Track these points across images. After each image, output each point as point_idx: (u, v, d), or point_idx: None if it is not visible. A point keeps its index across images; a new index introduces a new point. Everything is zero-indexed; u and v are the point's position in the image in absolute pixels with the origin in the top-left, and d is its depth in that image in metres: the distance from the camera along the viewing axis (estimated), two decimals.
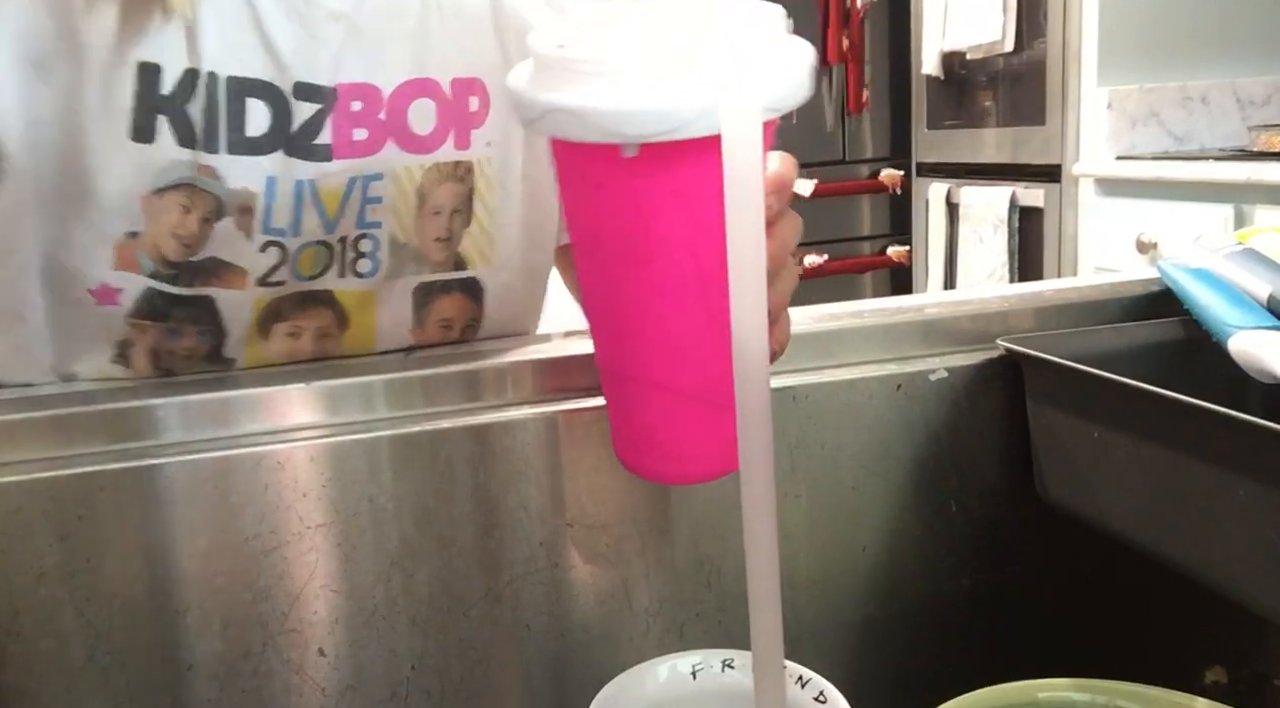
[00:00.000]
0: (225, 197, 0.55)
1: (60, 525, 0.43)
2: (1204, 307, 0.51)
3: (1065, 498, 0.51)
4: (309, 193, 0.57)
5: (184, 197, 0.54)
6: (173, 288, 0.55)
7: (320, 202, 0.58)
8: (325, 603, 0.47)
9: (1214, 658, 0.54)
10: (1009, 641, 0.56)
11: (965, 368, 0.53)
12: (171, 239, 0.55)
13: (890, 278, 3.15)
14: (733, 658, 0.41)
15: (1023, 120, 2.44)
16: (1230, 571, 0.41)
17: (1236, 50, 2.25)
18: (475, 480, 0.47)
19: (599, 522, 0.49)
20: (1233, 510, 0.40)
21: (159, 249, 0.55)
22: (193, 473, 0.44)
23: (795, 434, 0.51)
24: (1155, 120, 2.24)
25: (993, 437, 0.54)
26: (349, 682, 0.47)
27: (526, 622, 0.49)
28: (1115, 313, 0.57)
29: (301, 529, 0.46)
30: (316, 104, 0.57)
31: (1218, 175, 1.86)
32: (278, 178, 0.56)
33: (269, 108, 0.56)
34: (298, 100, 0.57)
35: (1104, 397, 0.46)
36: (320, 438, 0.46)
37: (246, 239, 0.56)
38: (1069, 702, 0.45)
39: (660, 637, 0.51)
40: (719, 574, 0.51)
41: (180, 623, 0.45)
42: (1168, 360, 0.54)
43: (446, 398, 0.48)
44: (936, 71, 2.70)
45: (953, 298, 0.57)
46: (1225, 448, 0.40)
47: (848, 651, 0.54)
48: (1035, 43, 2.37)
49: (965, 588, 0.55)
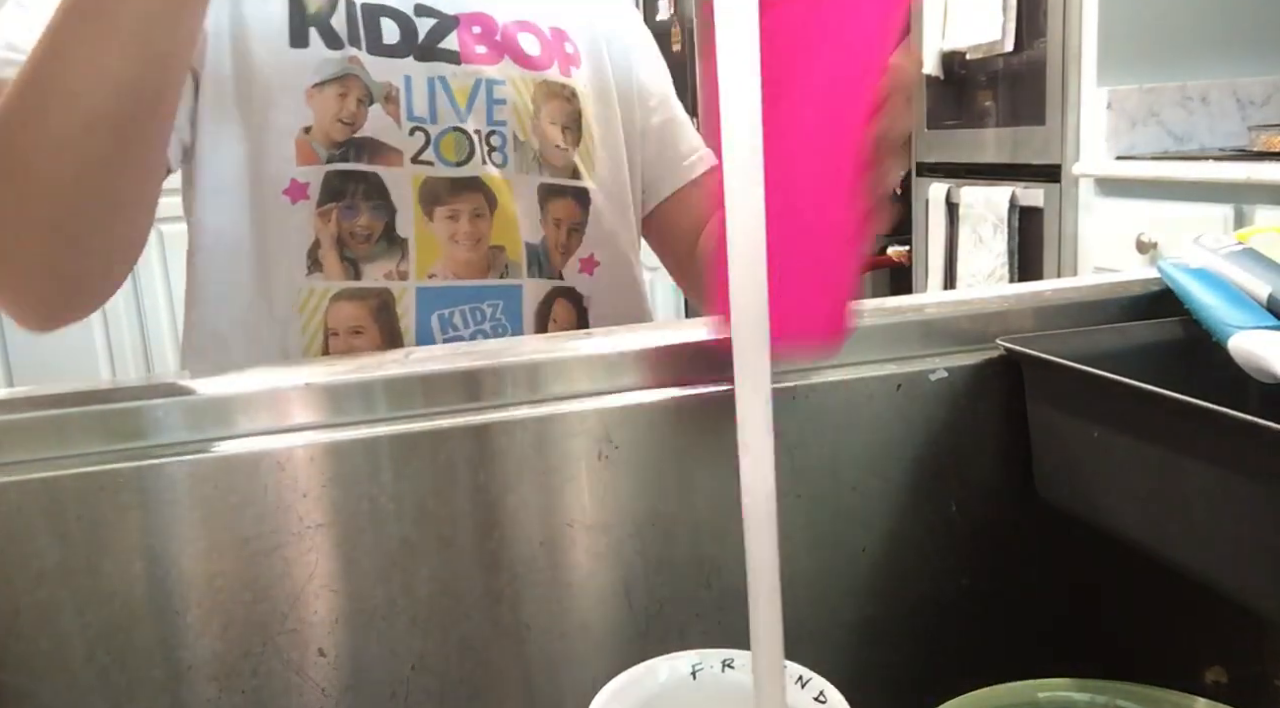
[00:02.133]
0: (373, 87, 0.67)
1: (60, 526, 0.43)
2: (1204, 307, 0.51)
3: (1065, 498, 0.51)
4: (441, 87, 0.69)
5: (340, 86, 0.67)
6: (345, 165, 0.67)
7: (452, 94, 0.70)
8: (325, 603, 0.47)
9: (1214, 658, 0.54)
10: (1009, 641, 0.55)
11: (965, 368, 0.53)
12: (337, 123, 0.67)
13: (890, 278, 3.15)
14: (733, 658, 0.41)
15: (1022, 120, 2.44)
16: (1230, 571, 0.41)
17: (1236, 50, 2.25)
18: (475, 480, 0.47)
19: (599, 522, 0.49)
20: (1233, 510, 0.40)
21: (329, 136, 0.67)
22: (193, 473, 0.44)
23: (795, 434, 0.51)
24: (1155, 120, 2.24)
25: (993, 437, 0.54)
26: (349, 682, 0.47)
27: (526, 622, 0.49)
28: (1115, 313, 0.57)
29: (301, 529, 0.46)
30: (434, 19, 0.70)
31: (1217, 175, 1.86)
32: (413, 75, 0.69)
33: (396, 24, 0.69)
34: (419, 17, 0.70)
35: (1104, 397, 0.46)
36: (320, 438, 0.46)
37: (396, 125, 0.68)
38: (1069, 702, 0.45)
39: (660, 637, 0.51)
40: (719, 574, 0.51)
41: (180, 623, 0.45)
42: (1168, 360, 0.54)
43: (446, 398, 0.48)
44: (936, 71, 2.70)
45: (953, 298, 0.57)
46: (1225, 448, 0.40)
47: (848, 651, 0.53)
48: (1035, 43, 2.37)
49: (965, 588, 0.55)
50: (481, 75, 0.71)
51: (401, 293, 0.69)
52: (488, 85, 0.71)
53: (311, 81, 0.66)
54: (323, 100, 0.67)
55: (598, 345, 0.50)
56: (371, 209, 0.67)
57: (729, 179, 0.30)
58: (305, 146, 0.67)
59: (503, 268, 0.72)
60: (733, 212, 0.30)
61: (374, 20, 0.69)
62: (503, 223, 0.71)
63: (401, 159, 0.68)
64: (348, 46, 0.67)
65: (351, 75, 0.67)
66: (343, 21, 0.68)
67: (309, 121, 0.66)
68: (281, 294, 0.68)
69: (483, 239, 0.71)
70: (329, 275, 0.68)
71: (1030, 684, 0.46)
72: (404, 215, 0.68)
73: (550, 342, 0.52)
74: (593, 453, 0.49)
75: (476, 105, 0.70)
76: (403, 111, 0.68)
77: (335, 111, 0.67)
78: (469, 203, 0.70)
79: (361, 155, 0.67)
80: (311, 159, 0.67)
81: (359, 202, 0.67)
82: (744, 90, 0.29)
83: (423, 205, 0.69)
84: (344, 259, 0.68)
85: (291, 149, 0.66)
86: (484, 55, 0.72)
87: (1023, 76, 2.42)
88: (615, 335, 0.52)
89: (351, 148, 0.67)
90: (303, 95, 0.66)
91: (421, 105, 0.69)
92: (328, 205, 0.67)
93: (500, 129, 0.71)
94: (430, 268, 0.70)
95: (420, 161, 0.68)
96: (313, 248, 0.68)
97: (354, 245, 0.68)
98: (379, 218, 0.68)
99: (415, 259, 0.69)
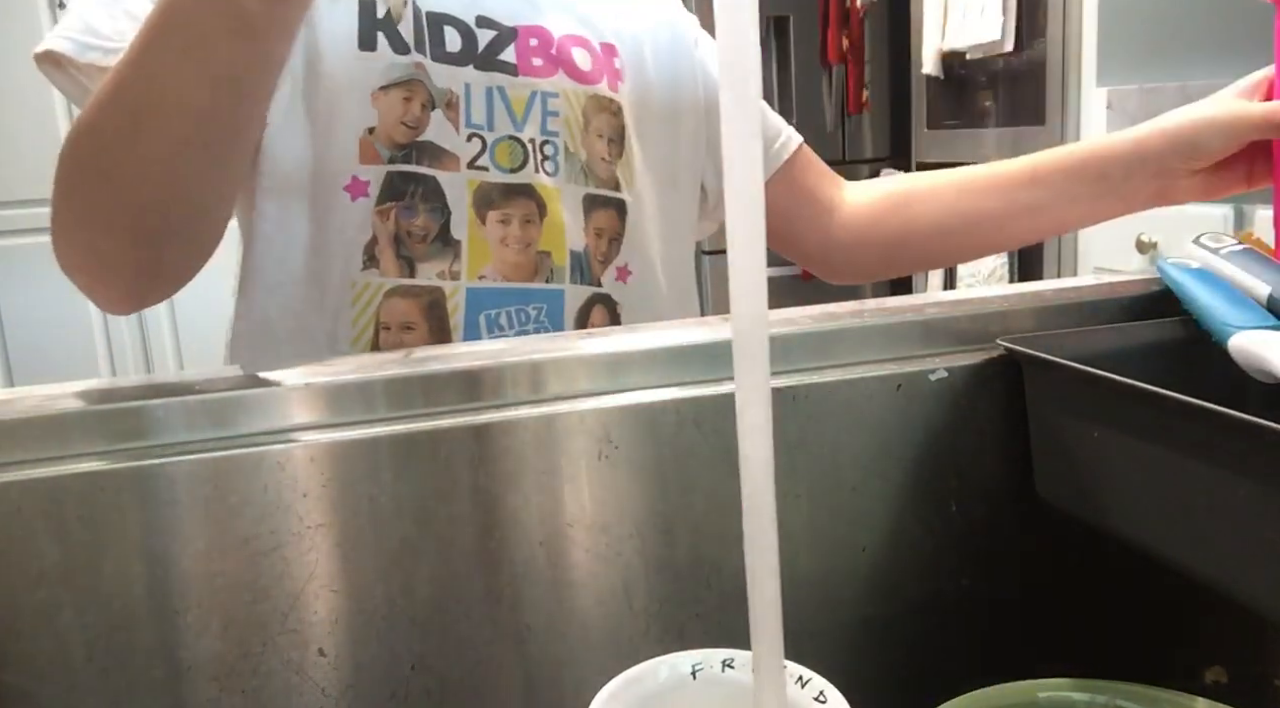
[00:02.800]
0: (436, 93, 0.70)
1: (60, 526, 0.43)
2: (1204, 307, 0.51)
3: (1065, 498, 0.51)
4: (499, 97, 0.72)
5: (405, 90, 0.69)
6: (405, 166, 0.69)
7: (510, 105, 0.73)
8: (325, 603, 0.47)
9: (1214, 658, 0.54)
10: (1009, 641, 0.55)
11: (965, 368, 0.53)
12: (400, 126, 0.69)
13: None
14: (733, 658, 0.41)
15: (1022, 120, 2.44)
16: (1230, 571, 0.41)
17: (1236, 50, 2.24)
18: (475, 480, 0.47)
19: (599, 522, 0.49)
20: (1233, 511, 0.40)
21: (391, 137, 0.69)
22: (193, 473, 0.44)
23: (795, 434, 0.51)
24: None
25: (993, 437, 0.54)
26: (349, 682, 0.47)
27: (526, 622, 0.49)
28: (1115, 313, 0.57)
29: (301, 529, 0.46)
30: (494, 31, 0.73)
31: None
32: (472, 84, 0.71)
33: (459, 33, 0.72)
34: (480, 28, 0.73)
35: (1104, 397, 0.46)
36: (320, 438, 0.46)
37: (455, 131, 0.70)
38: (1069, 702, 0.45)
39: (660, 637, 0.51)
40: (719, 574, 0.51)
41: (180, 623, 0.45)
42: (1168, 360, 0.54)
43: (446, 398, 0.48)
44: (936, 71, 2.70)
45: (953, 298, 0.57)
46: (1225, 448, 0.40)
47: (848, 651, 0.53)
48: (1035, 43, 2.37)
49: (965, 588, 0.55)
50: (537, 88, 0.73)
51: (453, 291, 0.71)
52: (543, 97, 0.74)
53: (378, 84, 0.69)
54: (388, 103, 0.69)
55: (598, 345, 0.50)
56: (429, 210, 0.70)
57: (729, 180, 0.30)
58: (369, 146, 0.69)
59: (548, 272, 0.74)
60: (733, 210, 0.30)
61: (438, 28, 0.71)
62: (551, 229, 0.73)
63: (459, 164, 0.70)
64: (413, 52, 0.69)
65: (416, 80, 0.69)
66: (409, 28, 0.70)
67: (373, 122, 0.69)
68: (335, 286, 0.70)
69: (532, 244, 0.73)
70: (385, 271, 0.70)
71: (1030, 684, 0.46)
72: (458, 218, 0.70)
73: (551, 341, 0.52)
74: (593, 453, 0.49)
75: (532, 116, 0.73)
76: (461, 118, 0.71)
77: (400, 114, 0.69)
78: (521, 208, 0.72)
79: (422, 158, 0.69)
80: (374, 159, 0.69)
81: (417, 202, 0.70)
82: (745, 88, 0.29)
83: (476, 209, 0.71)
84: (400, 257, 0.70)
85: (355, 148, 0.68)
86: (540, 68, 0.74)
87: (1022, 77, 2.42)
88: (615, 335, 0.52)
89: (413, 150, 0.69)
90: (369, 97, 0.68)
91: (480, 113, 0.71)
92: (386, 204, 0.69)
93: (553, 139, 0.74)
94: (481, 269, 0.72)
95: (476, 167, 0.71)
96: (370, 244, 0.70)
97: (410, 244, 0.70)
98: (435, 219, 0.70)
99: (467, 260, 0.71)
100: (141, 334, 2.96)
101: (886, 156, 3.10)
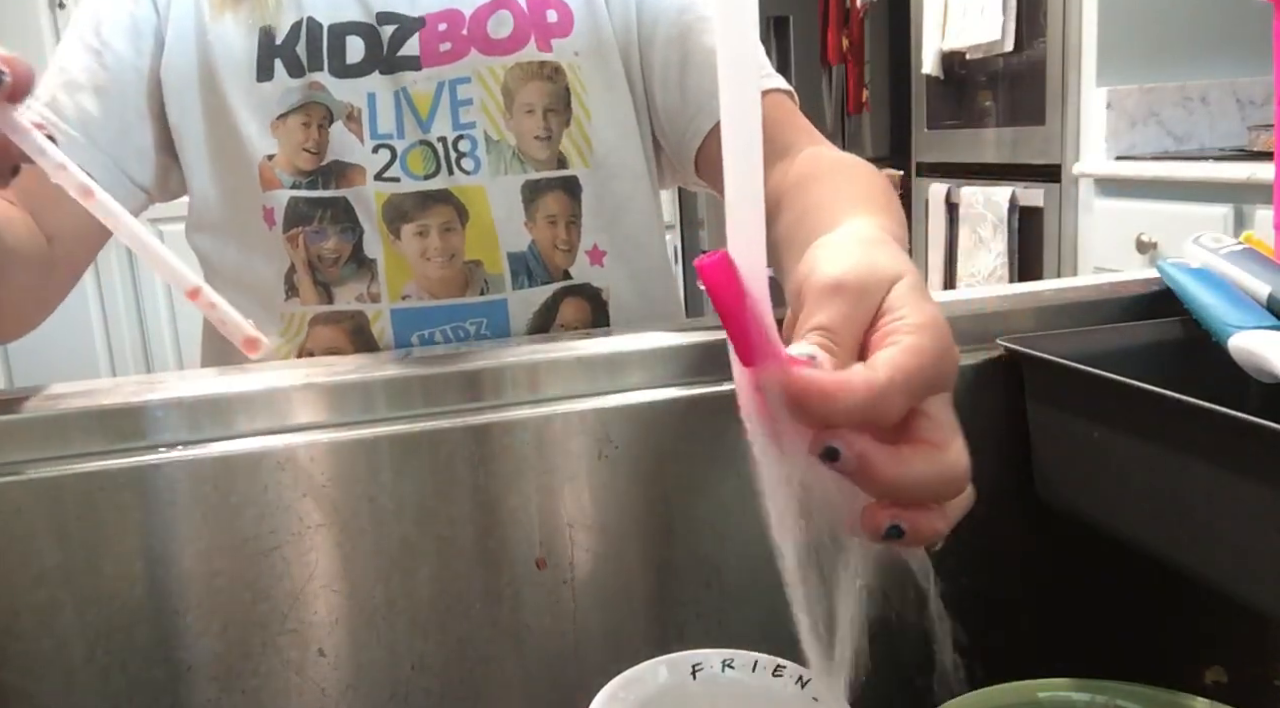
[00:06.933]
0: (334, 107, 0.67)
1: (60, 526, 0.43)
2: (1204, 307, 0.51)
3: (1065, 498, 0.51)
4: (404, 100, 0.68)
5: (303, 115, 0.67)
6: (309, 192, 0.67)
7: (414, 106, 0.68)
8: (325, 603, 0.47)
9: (1214, 658, 0.54)
10: (1009, 641, 0.55)
11: (965, 368, 0.53)
12: (303, 153, 0.67)
13: None
14: (733, 658, 0.41)
15: (1022, 120, 2.44)
16: (1230, 571, 0.41)
17: (1236, 50, 2.25)
18: (475, 480, 0.47)
19: (599, 522, 0.49)
20: (1233, 511, 0.40)
21: (294, 163, 0.67)
22: (193, 473, 0.44)
23: None
24: (1155, 120, 2.24)
25: (993, 437, 0.54)
26: (349, 682, 0.47)
27: (526, 622, 0.49)
28: (1115, 313, 0.57)
29: (301, 529, 0.46)
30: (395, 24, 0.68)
31: (1217, 175, 1.86)
32: (377, 92, 0.67)
33: (361, 38, 0.68)
34: (381, 25, 0.68)
35: (1104, 397, 0.46)
36: (320, 438, 0.46)
37: (359, 143, 0.67)
38: (1069, 702, 0.45)
39: (660, 637, 0.51)
40: (719, 574, 0.51)
41: (180, 623, 0.45)
42: (1168, 360, 0.53)
43: (446, 398, 0.48)
44: (936, 71, 2.70)
45: (953, 298, 0.57)
46: (1225, 448, 0.39)
47: None
48: (1035, 43, 2.37)
49: (965, 588, 0.55)
50: (443, 77, 0.68)
51: (375, 315, 0.68)
52: (450, 87, 0.68)
53: (276, 113, 0.67)
54: (286, 130, 0.67)
55: (598, 345, 0.50)
56: (339, 232, 0.67)
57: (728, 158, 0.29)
58: (268, 172, 0.67)
59: (481, 284, 0.69)
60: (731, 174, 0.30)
61: (338, 41, 0.68)
62: (478, 235, 0.68)
63: (365, 177, 0.67)
64: (308, 73, 0.67)
65: (313, 102, 0.67)
66: (305, 48, 0.67)
67: (273, 150, 0.67)
68: (266, 319, 0.68)
69: (456, 254, 0.68)
70: (305, 300, 0.68)
71: (1030, 684, 0.46)
72: (370, 235, 0.67)
73: (550, 342, 0.52)
74: (593, 453, 0.49)
75: (439, 112, 0.68)
76: (366, 129, 0.67)
77: (300, 141, 0.67)
78: (438, 217, 0.67)
79: (329, 181, 0.67)
80: (275, 185, 0.67)
81: (326, 225, 0.67)
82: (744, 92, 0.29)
83: (387, 223, 0.67)
84: (317, 283, 0.68)
85: (257, 176, 0.67)
86: (446, 54, 0.68)
87: (1022, 76, 2.42)
88: (615, 335, 0.52)
89: (319, 175, 0.67)
90: (268, 127, 0.67)
91: (388, 122, 0.67)
92: (294, 230, 0.67)
93: (468, 132, 0.68)
94: (403, 288, 0.68)
95: (385, 179, 0.67)
96: (289, 273, 0.68)
97: (324, 269, 0.67)
98: (347, 240, 0.67)
99: (386, 280, 0.67)
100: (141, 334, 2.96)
101: (886, 157, 3.10)
